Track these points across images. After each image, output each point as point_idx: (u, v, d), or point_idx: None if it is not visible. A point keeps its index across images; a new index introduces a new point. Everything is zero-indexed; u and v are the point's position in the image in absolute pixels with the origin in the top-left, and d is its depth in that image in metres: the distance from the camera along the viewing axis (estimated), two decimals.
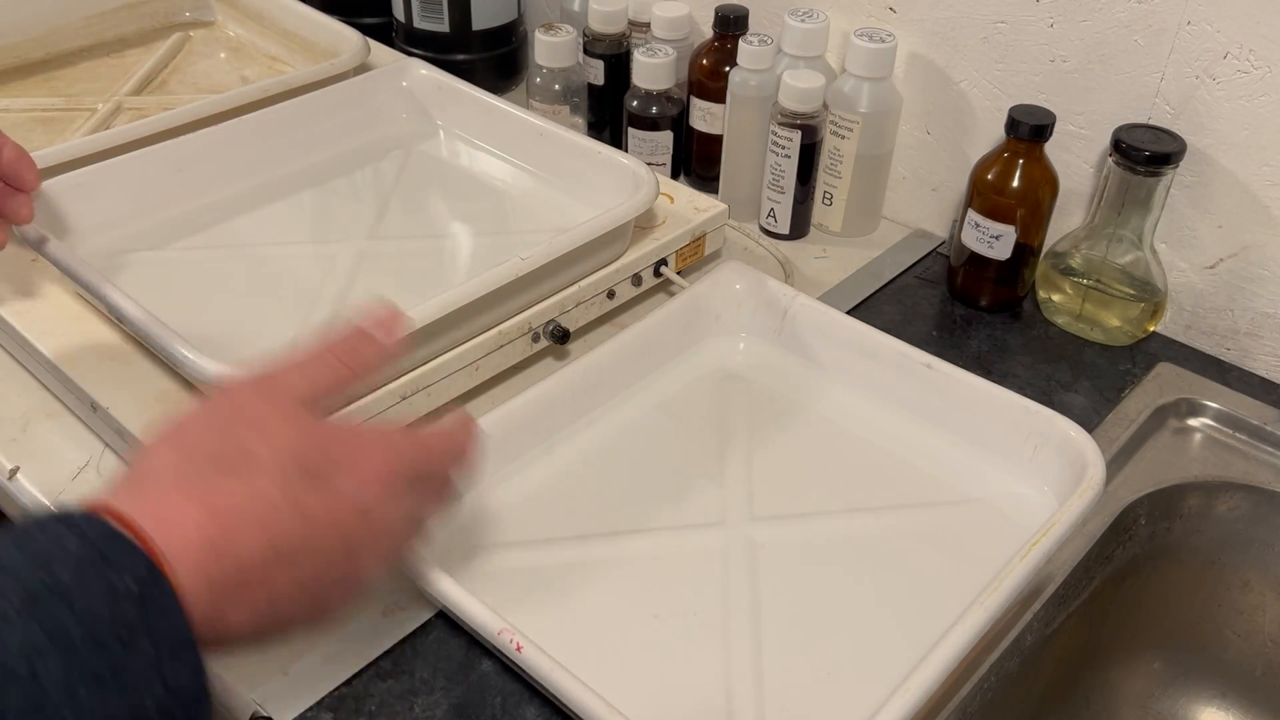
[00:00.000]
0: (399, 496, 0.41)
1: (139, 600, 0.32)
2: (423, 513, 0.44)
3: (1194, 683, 0.70)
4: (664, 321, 0.67)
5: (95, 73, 0.94)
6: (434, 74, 0.84)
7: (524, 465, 0.60)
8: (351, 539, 0.39)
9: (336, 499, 0.39)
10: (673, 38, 0.83)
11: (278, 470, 0.38)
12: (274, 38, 0.98)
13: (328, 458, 0.40)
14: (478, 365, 0.63)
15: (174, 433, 0.40)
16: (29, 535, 0.33)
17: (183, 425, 0.40)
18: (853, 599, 0.54)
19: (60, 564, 0.32)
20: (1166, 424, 0.68)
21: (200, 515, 0.36)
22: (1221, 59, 0.66)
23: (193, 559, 0.35)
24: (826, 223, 0.83)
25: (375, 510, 0.40)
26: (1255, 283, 0.70)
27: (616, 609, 0.53)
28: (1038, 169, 0.71)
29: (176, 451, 0.38)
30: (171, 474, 0.37)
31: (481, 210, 0.78)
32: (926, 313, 0.76)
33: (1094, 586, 0.62)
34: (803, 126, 0.77)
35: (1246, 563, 0.66)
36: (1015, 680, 0.56)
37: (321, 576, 0.39)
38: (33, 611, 0.31)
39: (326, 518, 0.38)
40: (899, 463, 0.62)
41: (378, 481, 0.40)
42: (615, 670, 0.50)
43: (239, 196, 0.76)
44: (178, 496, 0.36)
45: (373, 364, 0.44)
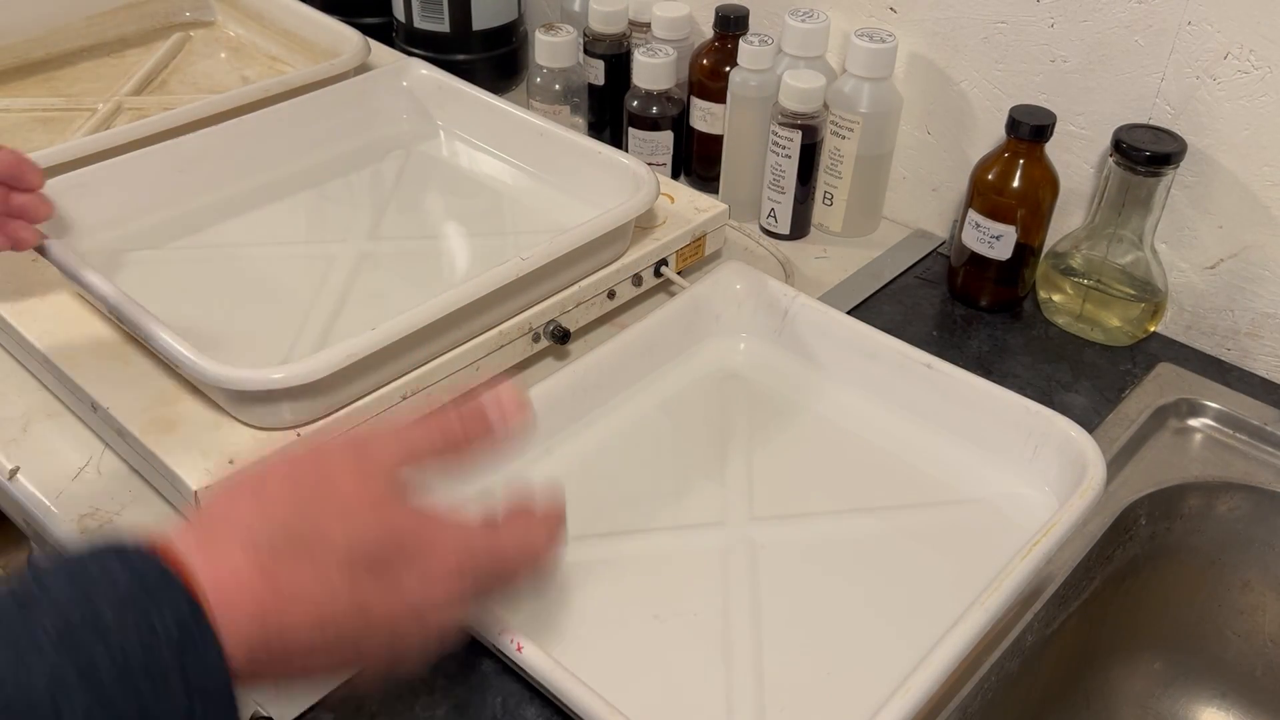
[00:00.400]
0: (461, 598, 0.40)
1: (178, 646, 0.32)
2: (478, 605, 0.43)
3: (1194, 683, 0.70)
4: (664, 321, 0.67)
5: (95, 73, 0.94)
6: (434, 74, 0.84)
7: (524, 465, 0.60)
8: (400, 633, 0.38)
9: (397, 596, 0.38)
10: (673, 38, 0.83)
11: (348, 561, 0.37)
12: (274, 38, 0.98)
13: (401, 551, 0.38)
14: (478, 365, 0.63)
15: (255, 487, 0.38)
16: (81, 564, 0.33)
17: (265, 481, 0.39)
18: (853, 599, 0.54)
19: (104, 599, 0.31)
20: (1167, 424, 0.68)
21: (260, 587, 0.35)
22: (1222, 59, 0.66)
23: (240, 626, 0.34)
24: (827, 223, 0.83)
25: (433, 613, 0.39)
26: (1255, 283, 0.70)
27: (617, 609, 0.53)
28: (1038, 169, 0.71)
29: (253, 510, 0.37)
30: (242, 534, 0.36)
31: (482, 210, 0.78)
32: (927, 313, 0.76)
33: (1094, 587, 0.62)
34: (803, 126, 0.77)
35: (1246, 563, 0.66)
36: (1015, 680, 0.56)
37: (361, 660, 0.38)
38: (67, 644, 0.30)
39: (383, 613, 0.37)
40: (899, 463, 0.62)
41: (443, 581, 0.39)
42: (615, 670, 0.50)
43: (239, 196, 0.76)
44: (242, 560, 0.35)
45: (479, 442, 0.42)
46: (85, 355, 0.62)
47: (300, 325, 0.65)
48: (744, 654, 0.51)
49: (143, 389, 0.60)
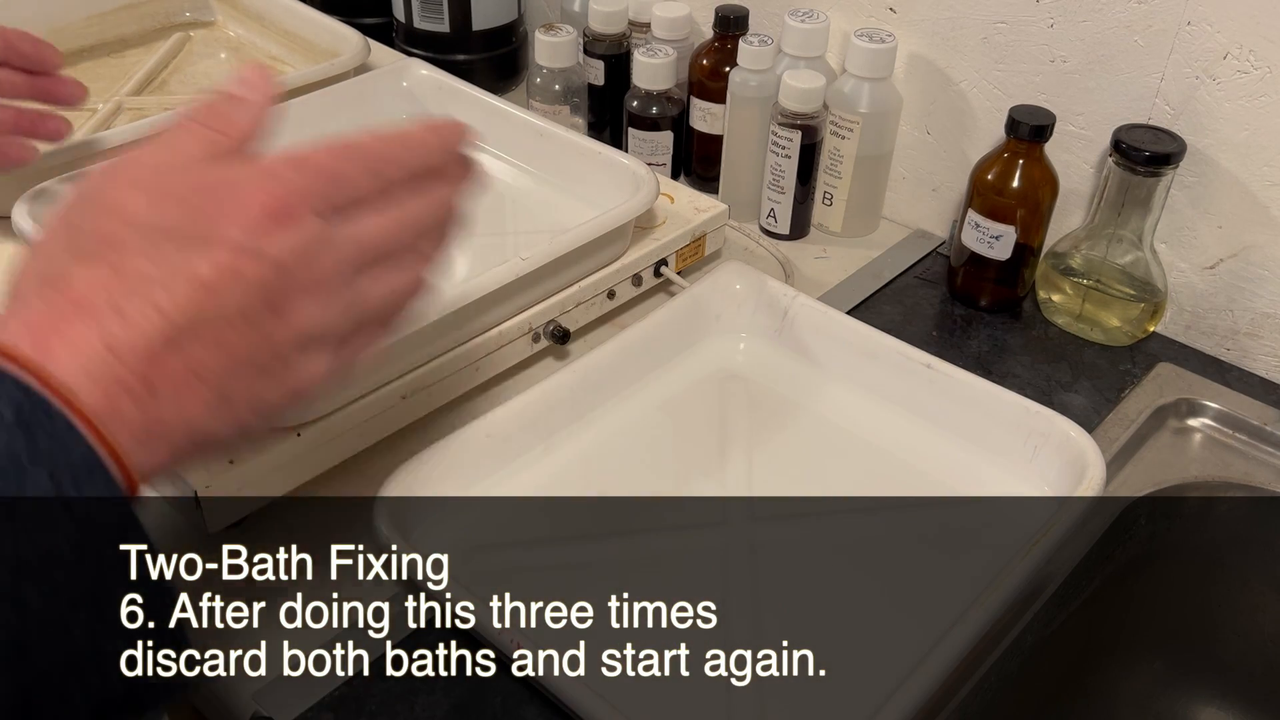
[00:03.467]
0: (304, 229, 0.35)
1: (23, 428, 0.29)
2: (377, 235, 0.37)
3: (1194, 683, 0.70)
4: (664, 321, 0.67)
5: (95, 73, 0.94)
6: (434, 74, 0.84)
7: (524, 465, 0.60)
8: (266, 288, 0.34)
9: (221, 250, 0.33)
10: (673, 38, 0.83)
11: (140, 240, 0.33)
12: (274, 38, 0.98)
13: (194, 210, 0.34)
14: (478, 365, 0.63)
15: (34, 249, 0.35)
16: None
17: (39, 239, 0.35)
18: (853, 599, 0.54)
19: None
20: (1166, 424, 0.68)
21: (74, 318, 0.32)
22: (1221, 59, 0.66)
23: (86, 366, 0.31)
24: (826, 223, 0.83)
25: (276, 249, 0.34)
26: (1255, 283, 0.70)
27: (616, 609, 0.53)
28: (1038, 169, 0.71)
29: (36, 264, 0.34)
30: (36, 288, 0.33)
31: (482, 210, 0.78)
32: (926, 313, 0.76)
33: (1094, 586, 0.62)
34: (803, 127, 0.77)
35: (1246, 563, 0.66)
36: (1015, 680, 0.56)
37: (251, 337, 0.34)
38: None
39: (215, 274, 0.33)
40: (899, 463, 0.62)
41: (265, 218, 0.34)
42: (615, 670, 0.50)
43: None
44: (44, 309, 0.32)
45: (246, 126, 0.37)
46: None
47: None
48: (743, 654, 0.51)
49: None
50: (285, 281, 0.34)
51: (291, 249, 0.34)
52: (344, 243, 0.36)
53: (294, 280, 0.35)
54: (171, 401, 0.33)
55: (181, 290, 0.33)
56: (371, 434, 0.60)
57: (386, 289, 0.38)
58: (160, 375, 0.32)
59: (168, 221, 0.34)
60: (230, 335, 0.33)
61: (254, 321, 0.34)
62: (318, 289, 0.35)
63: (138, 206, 0.34)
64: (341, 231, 0.36)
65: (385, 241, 0.38)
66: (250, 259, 0.34)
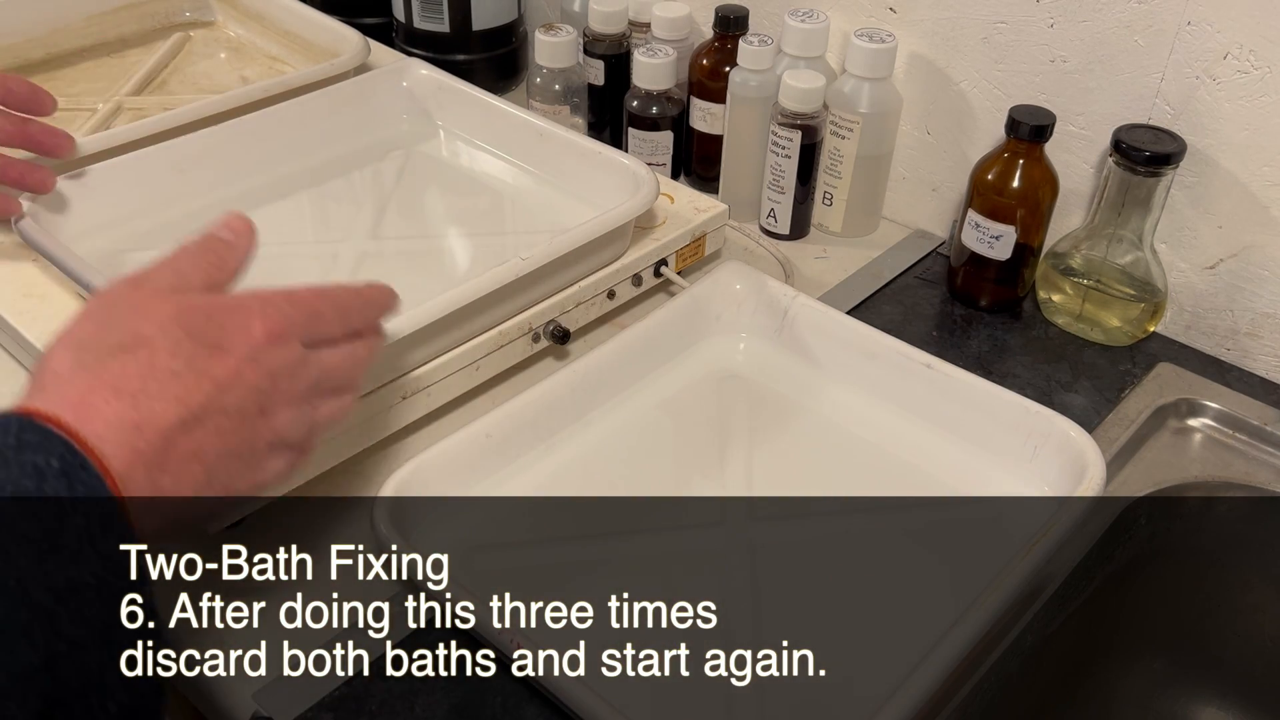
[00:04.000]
0: (293, 351, 0.43)
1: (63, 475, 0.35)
2: (335, 367, 0.46)
3: (1194, 683, 0.70)
4: (664, 321, 0.67)
5: (95, 73, 0.94)
6: (434, 74, 0.84)
7: (524, 465, 0.60)
8: (260, 394, 0.42)
9: (232, 358, 0.41)
10: (673, 38, 0.83)
11: (168, 341, 0.40)
12: (274, 38, 0.98)
13: (212, 322, 0.42)
14: (478, 365, 0.63)
15: (63, 337, 0.41)
16: None
17: (69, 329, 0.41)
18: (853, 599, 0.54)
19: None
20: (1166, 424, 0.68)
21: (110, 396, 0.38)
22: (1221, 59, 0.66)
23: (115, 436, 0.37)
24: (826, 223, 0.83)
25: (272, 363, 0.42)
26: (1255, 283, 0.70)
27: (616, 609, 0.53)
28: (1038, 169, 0.71)
29: (70, 350, 0.40)
30: (71, 369, 0.39)
31: (482, 210, 0.78)
32: (926, 313, 0.76)
33: (1094, 587, 0.62)
34: (803, 127, 0.77)
35: (1246, 563, 0.66)
36: (1015, 680, 0.56)
37: (242, 432, 0.41)
38: None
39: (227, 375, 0.41)
40: (899, 463, 0.62)
41: (267, 338, 0.42)
42: (615, 670, 0.50)
43: (239, 197, 0.76)
44: (83, 386, 0.38)
45: (234, 266, 0.46)
46: None
47: None
48: (744, 654, 0.51)
49: None
50: (273, 389, 0.42)
51: (282, 364, 0.43)
52: (314, 366, 0.45)
53: (279, 390, 0.43)
54: (173, 476, 0.39)
55: (198, 385, 0.40)
56: (371, 434, 0.60)
57: (333, 409, 0.47)
58: (170, 452, 0.39)
59: (190, 329, 0.41)
60: (227, 427, 0.41)
61: (247, 418, 0.42)
62: (293, 400, 0.44)
63: (165, 313, 0.41)
64: (313, 357, 0.45)
65: (339, 371, 0.46)
66: (252, 367, 0.42)
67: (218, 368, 0.41)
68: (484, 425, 0.58)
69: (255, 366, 0.42)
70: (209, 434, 0.40)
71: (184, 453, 0.39)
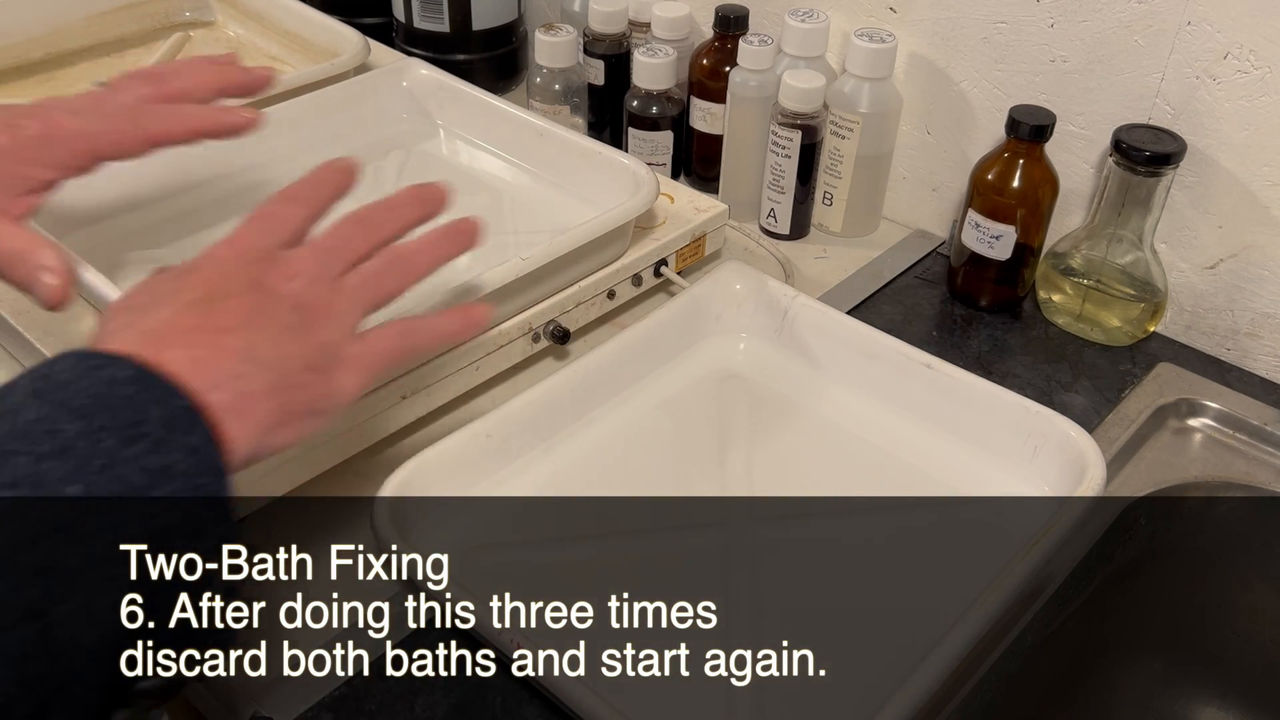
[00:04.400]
0: (266, 240, 0.46)
1: (137, 381, 0.37)
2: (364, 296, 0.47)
3: (1194, 683, 0.70)
4: (664, 321, 0.67)
5: (95, 73, 0.93)
6: (434, 74, 0.84)
7: (524, 465, 0.60)
8: (252, 268, 0.44)
9: (205, 259, 0.45)
10: (673, 38, 0.83)
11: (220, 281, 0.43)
12: (274, 38, 0.98)
13: (269, 254, 0.45)
14: (478, 365, 0.63)
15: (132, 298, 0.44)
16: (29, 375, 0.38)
17: (137, 292, 0.45)
18: (853, 599, 0.54)
19: (57, 369, 0.37)
20: (1166, 424, 0.68)
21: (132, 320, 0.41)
22: (1221, 59, 0.66)
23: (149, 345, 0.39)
24: (826, 223, 0.83)
25: (246, 243, 0.45)
26: (1255, 283, 0.70)
27: (616, 609, 0.53)
28: (1038, 169, 0.71)
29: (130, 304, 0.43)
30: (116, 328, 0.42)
31: (481, 210, 0.78)
32: (926, 313, 0.76)
33: (1094, 587, 0.62)
34: (803, 126, 0.77)
35: (1246, 563, 0.66)
36: (1015, 680, 0.56)
37: (285, 339, 0.43)
38: (42, 397, 0.35)
39: (291, 291, 0.44)
40: (899, 463, 0.62)
41: (238, 239, 0.46)
42: (615, 669, 0.50)
43: (239, 196, 0.76)
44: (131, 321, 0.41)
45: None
46: None
47: None
48: (744, 653, 0.51)
49: None
50: (267, 267, 0.45)
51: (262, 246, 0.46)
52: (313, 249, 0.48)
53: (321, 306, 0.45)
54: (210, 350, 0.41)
55: (189, 283, 0.43)
56: (371, 434, 0.60)
57: (372, 293, 0.48)
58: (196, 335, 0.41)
59: (241, 258, 0.45)
60: (285, 340, 0.43)
61: (288, 325, 0.43)
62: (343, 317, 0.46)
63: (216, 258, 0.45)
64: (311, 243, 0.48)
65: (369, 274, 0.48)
66: (227, 248, 0.45)
67: (281, 284, 0.44)
68: (484, 425, 0.58)
69: (230, 248, 0.45)
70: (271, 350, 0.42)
71: (251, 372, 0.41)
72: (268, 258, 0.45)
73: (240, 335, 0.41)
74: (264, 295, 0.43)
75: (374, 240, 0.49)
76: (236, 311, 0.42)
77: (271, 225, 0.47)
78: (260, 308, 0.43)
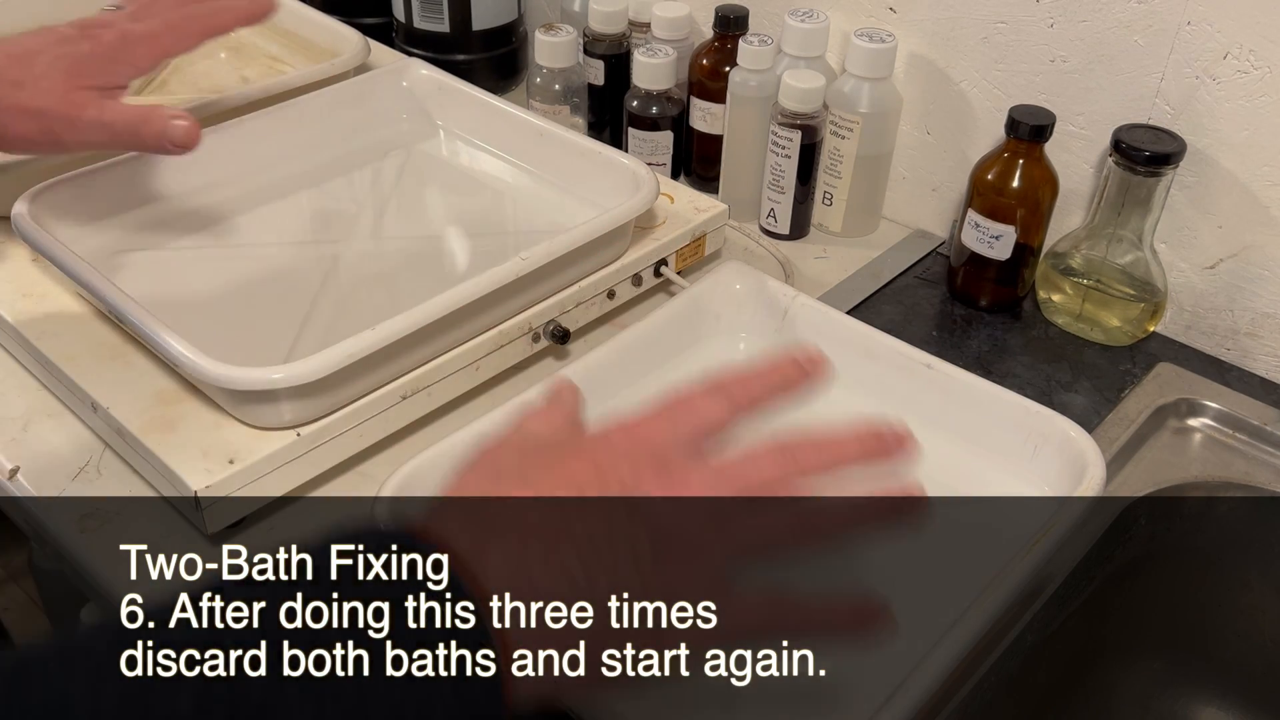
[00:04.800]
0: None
1: None
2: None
3: (1194, 683, 0.70)
4: (664, 321, 0.67)
5: None
6: (434, 74, 0.84)
7: None
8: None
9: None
10: (673, 38, 0.83)
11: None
12: (274, 37, 0.98)
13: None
14: (478, 365, 0.63)
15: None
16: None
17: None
18: None
19: None
20: (1166, 424, 0.68)
21: None
22: (1221, 59, 0.66)
23: None
24: (826, 223, 0.83)
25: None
26: (1255, 283, 0.70)
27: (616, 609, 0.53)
28: (1038, 169, 0.71)
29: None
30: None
31: (482, 210, 0.78)
32: (926, 313, 0.76)
33: (1094, 587, 0.62)
34: (803, 126, 0.77)
35: (1246, 563, 0.66)
36: (1015, 680, 0.56)
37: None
38: None
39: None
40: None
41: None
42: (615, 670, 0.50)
43: (239, 196, 0.76)
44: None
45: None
46: (85, 355, 0.62)
47: (300, 325, 0.65)
48: (743, 654, 0.51)
49: (143, 389, 0.60)
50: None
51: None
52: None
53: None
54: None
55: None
56: (371, 434, 0.60)
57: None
58: None
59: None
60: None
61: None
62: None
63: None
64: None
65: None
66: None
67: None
68: (484, 425, 0.58)
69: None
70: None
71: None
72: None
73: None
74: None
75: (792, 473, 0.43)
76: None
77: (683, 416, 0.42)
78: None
